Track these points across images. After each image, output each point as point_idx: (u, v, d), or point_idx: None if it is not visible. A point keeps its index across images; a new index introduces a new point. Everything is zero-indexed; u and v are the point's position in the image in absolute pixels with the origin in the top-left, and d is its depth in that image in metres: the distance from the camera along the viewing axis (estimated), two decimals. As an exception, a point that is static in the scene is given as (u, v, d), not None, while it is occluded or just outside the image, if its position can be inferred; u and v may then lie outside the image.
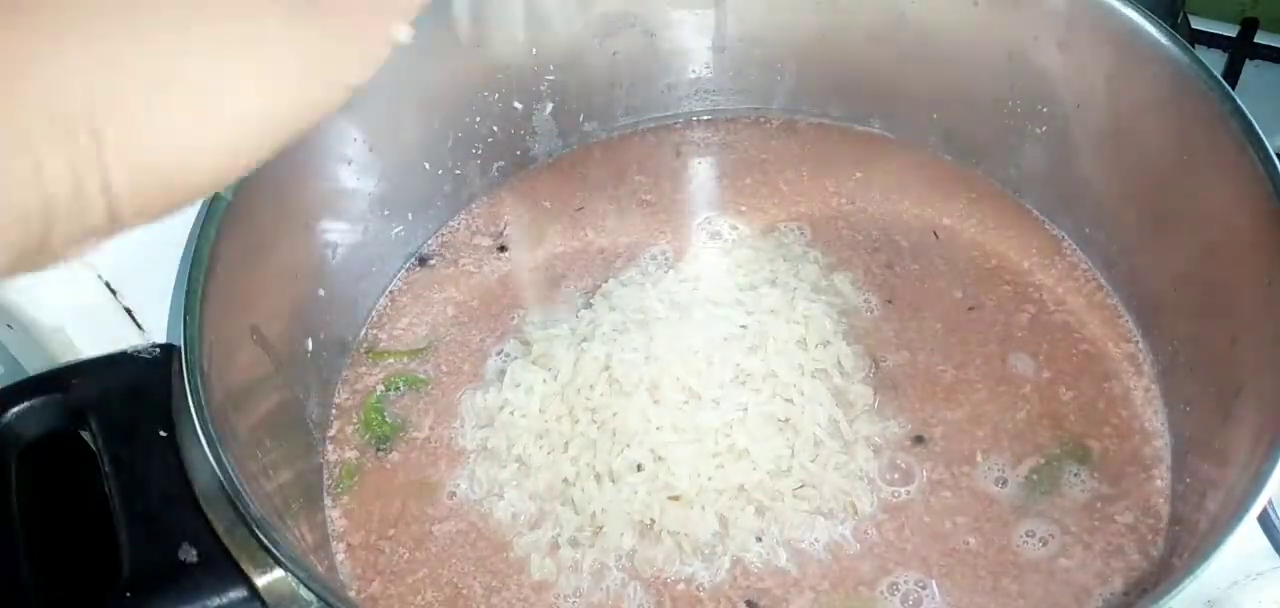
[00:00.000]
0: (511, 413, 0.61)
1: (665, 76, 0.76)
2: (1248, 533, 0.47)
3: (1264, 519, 0.54)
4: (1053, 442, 0.60)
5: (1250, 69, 0.88)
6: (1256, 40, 0.89)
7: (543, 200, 0.74)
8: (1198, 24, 0.89)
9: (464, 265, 0.71)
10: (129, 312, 0.58)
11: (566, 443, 0.59)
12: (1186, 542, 0.53)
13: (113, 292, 0.57)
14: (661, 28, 0.73)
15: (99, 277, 0.57)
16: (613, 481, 0.57)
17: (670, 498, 0.56)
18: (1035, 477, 0.58)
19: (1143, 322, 0.64)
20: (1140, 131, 0.62)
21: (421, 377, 0.65)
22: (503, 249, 0.71)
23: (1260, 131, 0.54)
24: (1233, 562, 0.53)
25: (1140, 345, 0.63)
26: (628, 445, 0.57)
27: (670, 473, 0.56)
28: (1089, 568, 0.55)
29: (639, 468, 0.57)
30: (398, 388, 0.65)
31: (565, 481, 0.58)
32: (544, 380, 0.61)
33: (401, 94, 0.66)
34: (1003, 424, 0.61)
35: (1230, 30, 0.90)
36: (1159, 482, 0.58)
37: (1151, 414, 0.61)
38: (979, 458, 0.59)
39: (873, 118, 0.75)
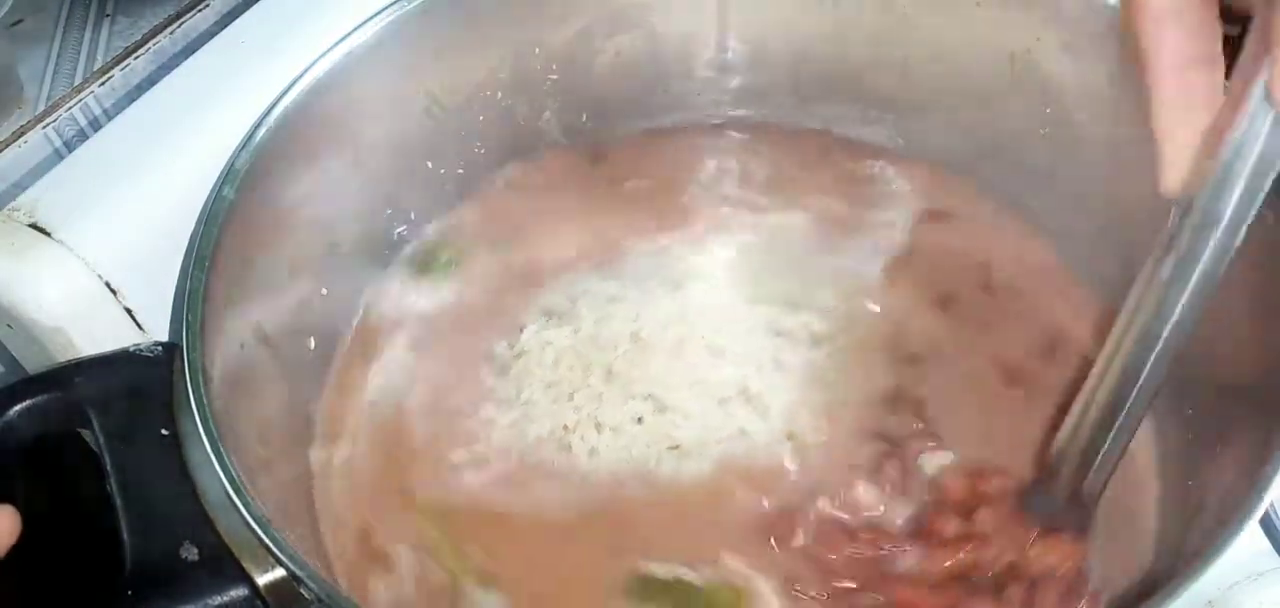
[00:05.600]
0: (527, 363, 0.62)
1: (667, 77, 0.76)
2: (1248, 533, 0.47)
3: (1264, 519, 0.54)
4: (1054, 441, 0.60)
5: (1251, 70, 0.88)
6: (1257, 41, 0.89)
7: (546, 199, 0.74)
8: (1199, 24, 0.89)
9: (466, 264, 0.71)
10: (129, 312, 0.58)
11: (572, 393, 0.60)
12: (1188, 543, 0.53)
13: (113, 292, 0.57)
14: (664, 29, 0.73)
15: (99, 277, 0.57)
16: (612, 431, 0.58)
17: (669, 448, 0.58)
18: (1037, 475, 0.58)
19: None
20: (1142, 134, 0.62)
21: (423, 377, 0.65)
22: (506, 248, 0.71)
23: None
24: (1233, 562, 0.53)
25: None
26: (632, 398, 0.59)
27: (673, 423, 0.58)
28: (1090, 568, 0.55)
29: (639, 420, 0.58)
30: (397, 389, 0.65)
31: (565, 427, 0.59)
32: (566, 336, 0.63)
33: (404, 92, 0.66)
34: (1003, 423, 0.61)
35: (1231, 30, 0.90)
36: (1161, 482, 0.58)
37: (1154, 416, 0.61)
38: (980, 457, 0.59)
39: (874, 119, 0.75)
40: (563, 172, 0.75)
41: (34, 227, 0.56)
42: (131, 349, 0.54)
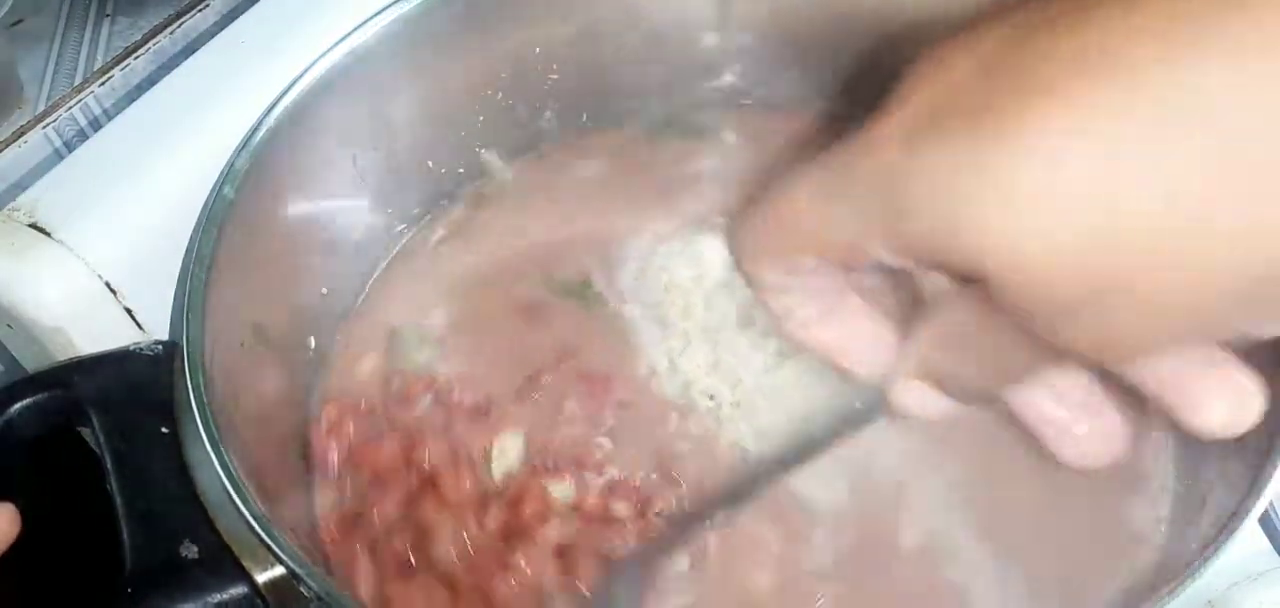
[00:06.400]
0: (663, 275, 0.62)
1: (672, 71, 0.76)
2: (1248, 534, 0.47)
3: (1264, 519, 0.54)
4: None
5: (1251, 69, 0.88)
6: (1257, 41, 0.89)
7: (549, 193, 0.73)
8: (1198, 24, 0.89)
9: (469, 261, 0.70)
10: (129, 312, 0.58)
11: (664, 319, 0.60)
12: (1187, 542, 0.53)
13: (113, 291, 0.57)
14: (666, 24, 0.73)
15: (99, 277, 0.57)
16: (683, 382, 0.58)
17: (730, 443, 0.56)
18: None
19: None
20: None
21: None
22: (512, 241, 0.71)
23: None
24: (1233, 562, 0.53)
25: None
26: (714, 374, 0.58)
27: (741, 416, 0.56)
28: (1088, 568, 0.55)
29: (712, 398, 0.57)
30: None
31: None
32: (688, 276, 0.61)
33: (404, 91, 0.66)
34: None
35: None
36: (1161, 483, 0.58)
37: (1152, 419, 0.60)
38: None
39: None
40: (563, 168, 0.74)
41: (34, 227, 0.56)
42: (132, 348, 0.54)
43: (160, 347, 0.54)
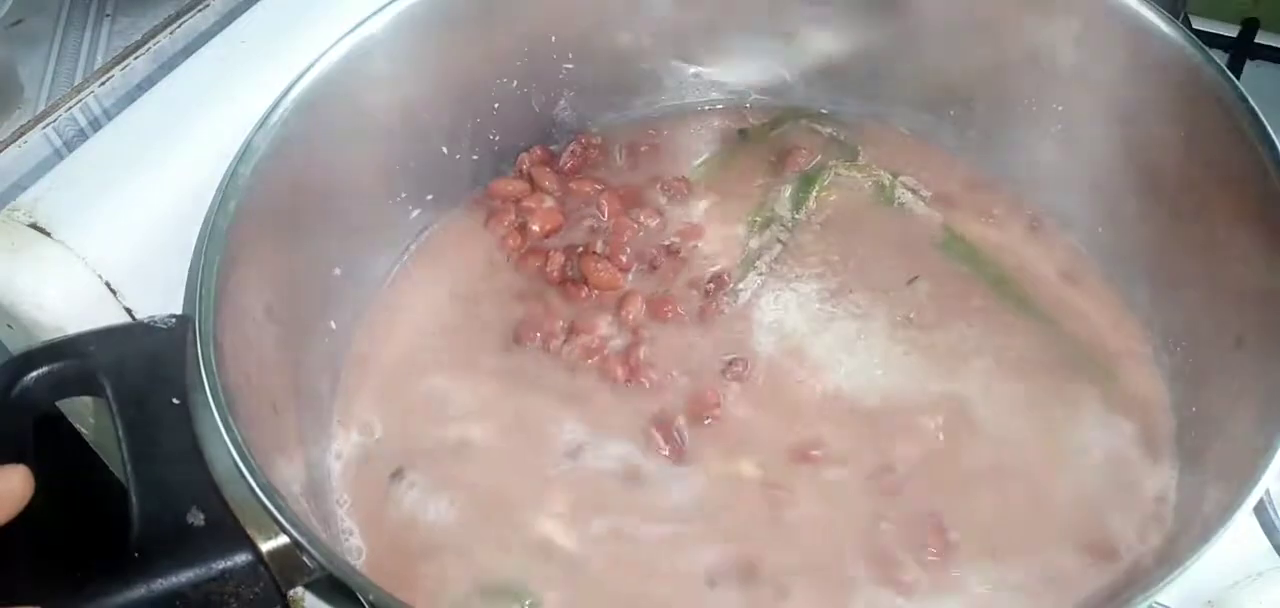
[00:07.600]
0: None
1: (682, 65, 0.76)
2: (1248, 534, 0.47)
3: (1264, 519, 0.54)
4: (1056, 437, 0.60)
5: (1251, 69, 0.88)
6: (1257, 40, 0.89)
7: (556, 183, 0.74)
8: (1199, 24, 0.90)
9: (476, 253, 0.71)
10: (129, 311, 0.58)
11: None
12: (1186, 536, 0.53)
13: (113, 291, 0.57)
14: (678, 17, 0.74)
15: (99, 277, 0.57)
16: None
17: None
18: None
19: (1150, 321, 0.64)
20: (1152, 131, 0.62)
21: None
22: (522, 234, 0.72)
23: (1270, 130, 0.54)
24: (1233, 562, 0.53)
25: (1147, 345, 0.63)
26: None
27: None
28: (1087, 563, 0.55)
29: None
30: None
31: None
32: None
33: (420, 78, 0.67)
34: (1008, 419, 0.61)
35: (1231, 31, 0.90)
36: (1162, 480, 0.57)
37: (1156, 414, 0.60)
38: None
39: (888, 112, 0.76)
40: (572, 161, 0.75)
41: (34, 227, 0.56)
42: (146, 320, 0.55)
43: (174, 320, 0.55)
